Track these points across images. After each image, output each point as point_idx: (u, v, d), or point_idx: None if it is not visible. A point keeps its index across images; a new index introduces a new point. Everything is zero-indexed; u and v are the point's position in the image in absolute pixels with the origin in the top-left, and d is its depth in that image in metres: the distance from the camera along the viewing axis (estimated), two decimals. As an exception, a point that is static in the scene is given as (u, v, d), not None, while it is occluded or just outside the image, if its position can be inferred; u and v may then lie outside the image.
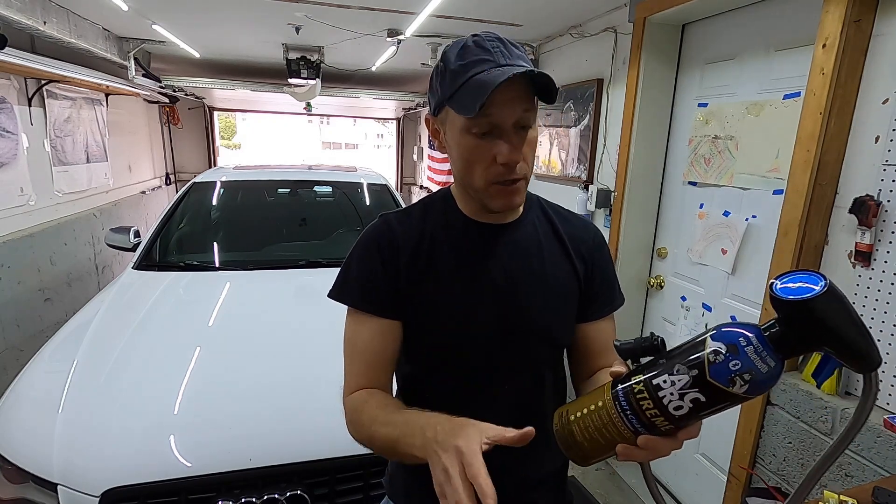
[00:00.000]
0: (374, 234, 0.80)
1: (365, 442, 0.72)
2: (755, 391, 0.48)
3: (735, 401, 0.49)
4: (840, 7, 1.29)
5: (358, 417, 0.72)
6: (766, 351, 0.48)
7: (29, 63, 2.49)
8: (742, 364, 0.48)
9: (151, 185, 5.22)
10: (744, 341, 0.49)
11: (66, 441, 1.25)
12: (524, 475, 0.83)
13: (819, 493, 0.93)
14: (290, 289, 2.14)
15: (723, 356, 0.48)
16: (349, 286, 0.79)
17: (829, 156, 1.36)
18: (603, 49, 2.41)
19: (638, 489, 2.27)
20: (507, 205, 0.74)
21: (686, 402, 0.50)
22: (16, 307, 2.70)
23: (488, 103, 0.64)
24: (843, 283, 1.36)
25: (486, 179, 0.72)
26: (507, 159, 0.69)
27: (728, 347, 0.49)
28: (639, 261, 2.31)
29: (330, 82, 4.32)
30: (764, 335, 0.49)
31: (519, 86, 0.66)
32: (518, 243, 0.80)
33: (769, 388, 0.49)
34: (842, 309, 0.46)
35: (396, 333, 0.78)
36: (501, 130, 0.68)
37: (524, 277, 0.78)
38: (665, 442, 0.52)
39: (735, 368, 0.48)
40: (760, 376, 0.48)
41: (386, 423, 0.66)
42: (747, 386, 0.48)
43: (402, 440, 0.62)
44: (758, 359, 0.48)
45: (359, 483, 1.31)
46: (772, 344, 0.49)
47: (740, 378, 0.48)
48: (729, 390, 0.48)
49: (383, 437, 0.66)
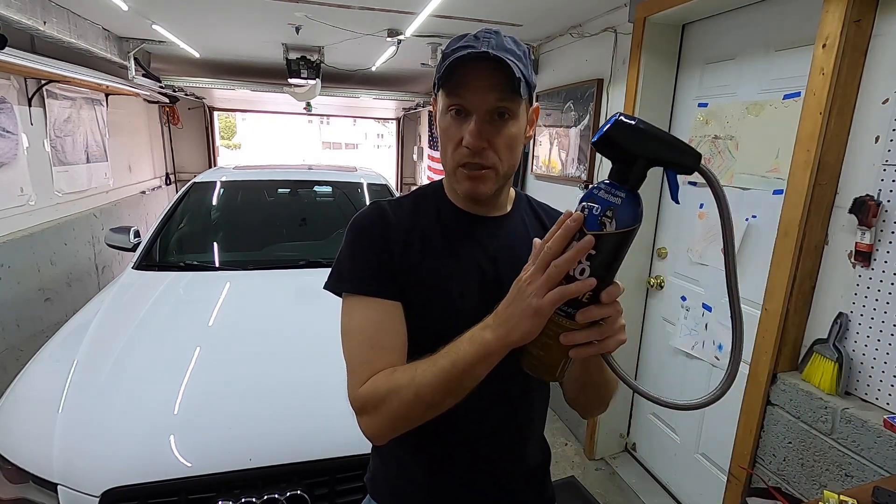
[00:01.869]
0: (367, 219, 0.79)
1: (405, 405, 0.65)
2: (625, 223, 0.55)
3: (618, 240, 0.55)
4: (840, 7, 1.29)
5: (390, 389, 0.65)
6: (613, 187, 0.55)
7: (29, 63, 2.49)
8: (600, 205, 0.55)
9: (151, 185, 5.22)
10: (595, 189, 0.56)
11: (66, 441, 1.25)
12: (510, 467, 0.84)
13: (819, 493, 0.93)
14: (290, 289, 2.14)
15: (587, 209, 0.56)
16: (345, 273, 0.76)
17: (829, 156, 1.36)
18: (603, 49, 2.41)
19: (638, 489, 2.27)
20: (470, 191, 0.74)
21: (584, 262, 0.55)
22: (16, 307, 2.70)
23: (462, 85, 0.69)
24: (843, 282, 1.37)
25: (455, 161, 0.74)
26: (469, 142, 0.70)
27: (587, 203, 0.56)
28: (639, 261, 2.31)
29: (330, 82, 4.33)
30: (607, 180, 0.57)
31: (495, 75, 0.68)
32: (507, 235, 0.81)
33: (636, 217, 0.55)
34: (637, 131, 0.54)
35: (401, 315, 0.74)
36: (472, 114, 0.71)
37: (511, 267, 0.75)
38: (595, 310, 0.56)
39: (598, 213, 0.55)
40: (620, 209, 0.55)
41: (434, 361, 0.63)
42: (614, 220, 0.54)
43: (466, 352, 0.61)
44: (609, 195, 0.55)
45: (359, 483, 1.31)
46: (616, 181, 0.56)
47: (605, 217, 0.55)
48: (604, 232, 0.55)
49: (434, 375, 0.62)
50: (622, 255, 0.57)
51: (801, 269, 1.43)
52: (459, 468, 0.81)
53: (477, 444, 0.81)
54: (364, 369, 0.70)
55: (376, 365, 0.69)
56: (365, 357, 0.71)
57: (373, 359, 0.70)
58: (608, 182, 0.57)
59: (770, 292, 1.51)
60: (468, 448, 0.81)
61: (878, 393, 1.29)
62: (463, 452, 0.81)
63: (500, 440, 0.82)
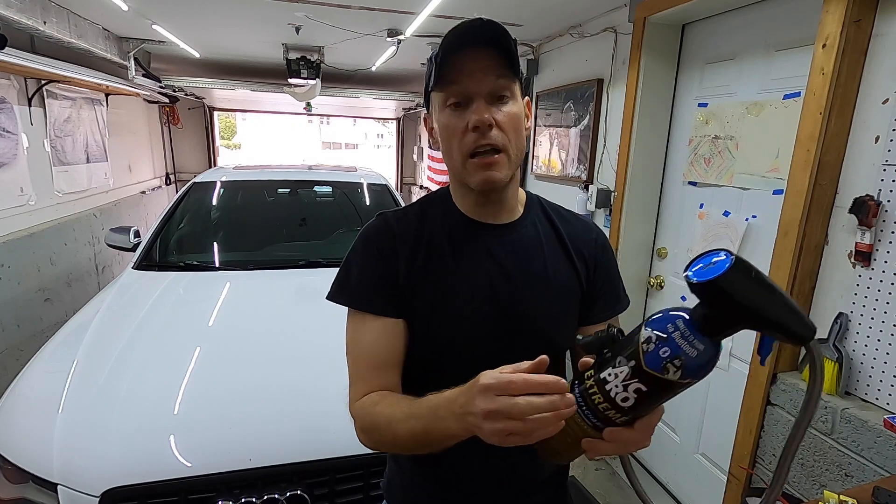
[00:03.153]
0: (373, 232, 0.79)
1: (387, 444, 0.69)
2: (692, 376, 0.47)
3: (676, 387, 0.48)
4: (840, 7, 1.29)
5: (372, 423, 0.69)
6: (694, 335, 0.47)
7: (29, 63, 2.49)
8: (671, 350, 0.47)
9: (151, 185, 5.22)
10: (671, 327, 0.48)
11: (66, 441, 1.25)
12: (522, 479, 0.83)
13: (819, 493, 0.93)
14: (290, 289, 2.14)
15: (653, 344, 0.48)
16: (349, 287, 0.77)
17: (829, 156, 1.36)
18: (603, 49, 2.41)
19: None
20: (484, 179, 0.71)
21: (630, 392, 0.49)
22: (16, 307, 2.70)
23: (459, 73, 0.68)
24: (843, 283, 1.37)
25: (463, 153, 0.71)
26: (477, 121, 0.68)
27: (658, 335, 0.48)
28: (639, 261, 2.31)
29: (330, 82, 4.33)
30: (690, 319, 0.48)
31: (489, 55, 0.68)
32: (518, 244, 0.78)
33: (706, 371, 0.48)
34: (754, 283, 0.45)
35: (401, 332, 0.75)
36: (474, 100, 0.69)
37: (524, 278, 0.77)
38: (625, 433, 0.52)
39: (665, 355, 0.47)
40: (691, 361, 0.47)
41: (407, 418, 0.64)
42: (680, 371, 0.47)
43: (433, 426, 0.61)
44: (685, 343, 0.47)
45: (359, 483, 1.31)
46: (699, 327, 0.47)
47: (672, 364, 0.47)
48: (664, 377, 0.48)
49: (408, 432, 0.64)
50: (674, 396, 0.50)
51: (801, 269, 1.43)
52: (472, 480, 0.81)
53: (489, 457, 0.79)
54: (360, 386, 0.74)
55: (371, 383, 0.73)
56: (362, 374, 0.75)
57: (367, 377, 0.74)
58: (689, 325, 0.48)
59: (770, 292, 1.51)
60: (481, 461, 0.80)
61: (878, 393, 1.29)
62: (475, 467, 0.80)
63: (511, 454, 0.81)
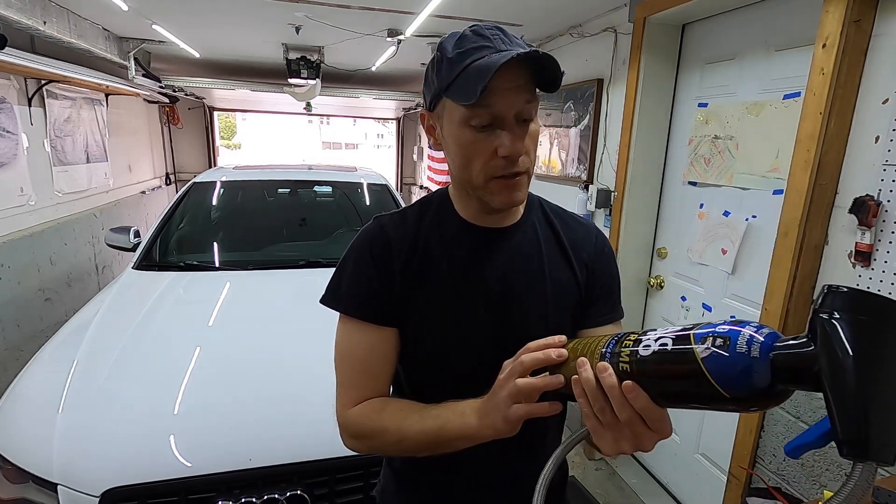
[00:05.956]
0: (368, 237, 0.77)
1: (390, 446, 0.70)
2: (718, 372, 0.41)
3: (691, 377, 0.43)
4: (840, 7, 1.29)
5: (377, 428, 0.69)
6: (762, 348, 0.40)
7: (29, 63, 2.49)
8: (727, 334, 0.42)
9: (151, 185, 5.22)
10: (750, 329, 0.41)
11: (66, 441, 1.25)
12: (521, 486, 0.82)
13: (819, 493, 0.93)
14: (290, 289, 2.14)
15: (718, 328, 0.42)
16: (343, 292, 0.75)
17: (829, 156, 1.36)
18: (603, 49, 2.41)
19: (638, 489, 2.27)
20: (508, 201, 0.69)
21: (656, 345, 0.46)
22: (16, 307, 2.70)
23: (489, 92, 0.60)
24: (843, 283, 1.36)
25: (486, 175, 0.67)
26: (510, 151, 0.64)
27: (731, 327, 0.42)
28: (639, 261, 2.31)
29: (330, 82, 4.32)
30: (772, 344, 0.40)
31: (521, 75, 0.63)
32: (517, 248, 0.77)
33: (736, 385, 0.41)
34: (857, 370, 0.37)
35: (393, 341, 0.75)
36: (503, 122, 0.64)
37: (522, 284, 0.75)
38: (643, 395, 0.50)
39: (718, 331, 0.42)
40: (732, 357, 0.41)
41: (423, 418, 0.65)
42: (710, 352, 0.41)
43: (451, 423, 0.62)
44: (744, 342, 0.41)
45: (359, 483, 1.32)
46: (773, 352, 0.40)
47: (712, 340, 0.42)
48: (693, 348, 0.42)
49: (419, 432, 0.65)
50: (681, 395, 0.47)
51: (801, 269, 1.43)
52: (471, 489, 0.80)
53: (488, 466, 0.79)
54: (352, 393, 0.73)
55: (363, 392, 0.73)
56: (353, 382, 0.74)
57: (360, 384, 0.73)
58: (769, 338, 0.41)
59: (770, 292, 1.51)
60: (478, 468, 0.79)
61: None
62: (471, 474, 0.80)
63: (511, 463, 0.80)
